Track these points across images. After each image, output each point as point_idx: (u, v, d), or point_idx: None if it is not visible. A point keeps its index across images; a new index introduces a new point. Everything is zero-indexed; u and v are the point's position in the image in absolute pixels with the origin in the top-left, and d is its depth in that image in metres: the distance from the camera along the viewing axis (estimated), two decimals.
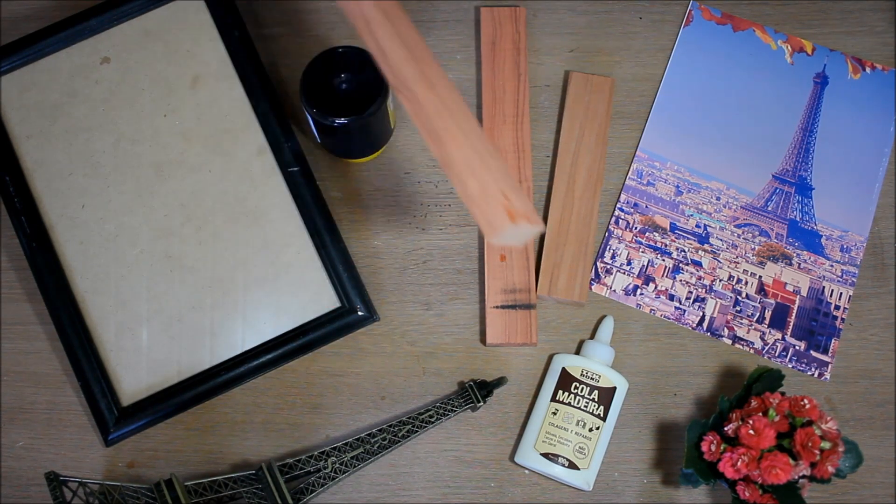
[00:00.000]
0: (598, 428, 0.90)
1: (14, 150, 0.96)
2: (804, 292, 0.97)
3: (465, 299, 0.96)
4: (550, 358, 0.95)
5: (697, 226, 0.98)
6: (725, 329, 0.95)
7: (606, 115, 0.99)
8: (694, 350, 0.95)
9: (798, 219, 0.98)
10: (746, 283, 0.97)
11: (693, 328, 0.96)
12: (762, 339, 0.95)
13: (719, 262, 0.97)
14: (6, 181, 0.95)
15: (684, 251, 0.97)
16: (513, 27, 1.01)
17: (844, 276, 0.97)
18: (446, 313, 0.96)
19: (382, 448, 0.90)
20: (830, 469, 0.83)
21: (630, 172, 0.99)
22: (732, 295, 0.96)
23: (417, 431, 0.91)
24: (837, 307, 0.96)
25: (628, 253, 0.97)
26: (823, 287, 0.97)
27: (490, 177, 0.73)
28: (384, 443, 0.90)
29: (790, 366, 0.95)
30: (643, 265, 0.97)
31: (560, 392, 0.91)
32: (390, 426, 0.91)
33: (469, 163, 0.73)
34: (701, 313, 0.96)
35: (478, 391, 0.92)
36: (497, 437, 0.94)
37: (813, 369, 0.95)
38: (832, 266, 0.97)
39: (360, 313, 0.93)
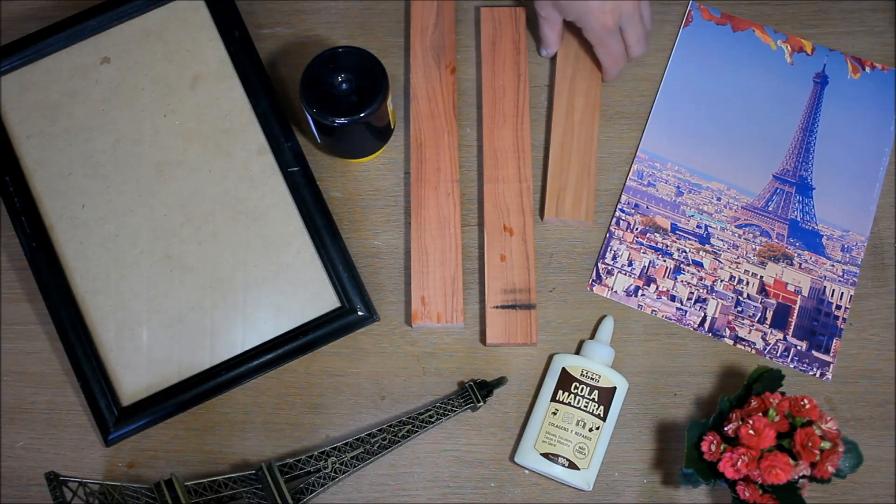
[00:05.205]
0: (598, 428, 0.90)
1: (14, 150, 0.96)
2: (805, 292, 0.96)
3: (465, 299, 0.96)
4: (550, 358, 0.95)
5: (698, 226, 0.98)
6: (727, 329, 0.95)
7: None
8: (694, 350, 0.95)
9: (799, 219, 0.98)
10: (748, 283, 0.97)
11: (694, 329, 0.95)
12: (764, 339, 0.95)
13: (720, 262, 0.97)
14: (6, 181, 0.95)
15: (685, 252, 0.97)
16: (513, 27, 1.01)
17: (845, 276, 0.97)
18: None
19: (382, 448, 0.90)
20: (830, 469, 0.82)
21: (630, 173, 0.99)
22: (734, 295, 0.96)
23: (417, 431, 0.91)
24: (839, 307, 0.96)
25: (629, 254, 0.97)
26: (824, 287, 0.96)
27: None
28: (384, 443, 0.90)
29: (792, 366, 0.94)
30: (644, 266, 0.97)
31: (560, 392, 0.91)
32: (390, 426, 0.91)
33: None
34: (702, 314, 0.96)
35: (478, 391, 0.92)
36: (497, 437, 0.93)
37: (815, 369, 0.94)
38: (833, 266, 0.97)
39: (360, 313, 0.93)
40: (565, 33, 1.01)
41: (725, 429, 0.86)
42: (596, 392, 0.91)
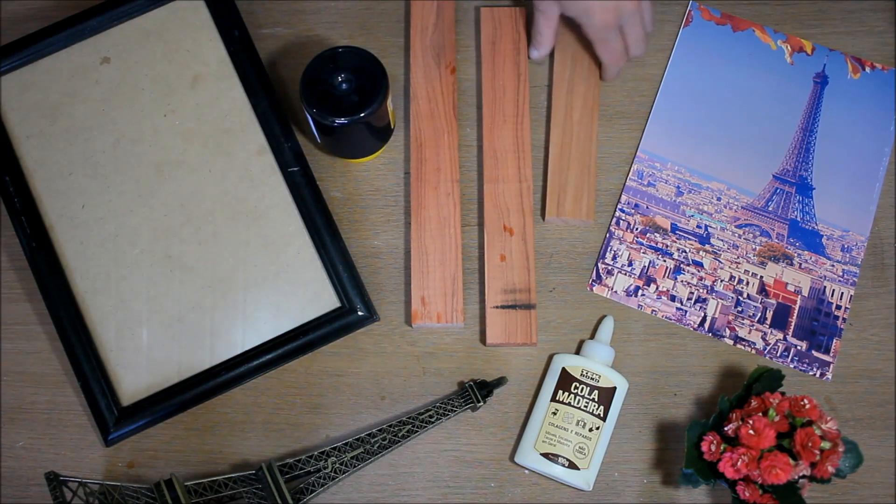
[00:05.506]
0: (598, 428, 0.90)
1: (14, 150, 0.96)
2: (805, 292, 0.96)
3: (465, 299, 0.96)
4: (550, 358, 0.95)
5: (698, 226, 0.98)
6: (727, 329, 0.95)
7: None
8: (694, 350, 0.95)
9: (799, 219, 0.98)
10: (748, 283, 0.97)
11: (694, 329, 0.95)
12: (764, 339, 0.95)
13: (720, 262, 0.97)
14: (6, 181, 0.95)
15: (685, 252, 0.97)
16: (513, 27, 1.01)
17: (845, 276, 0.97)
18: None
19: (382, 448, 0.90)
20: (830, 469, 0.82)
21: (630, 173, 0.99)
22: (734, 295, 0.96)
23: (417, 431, 0.91)
24: (839, 307, 0.96)
25: (629, 254, 0.97)
26: (824, 287, 0.96)
27: None
28: (384, 443, 0.90)
29: (792, 366, 0.95)
30: (644, 266, 0.97)
31: (560, 392, 0.91)
32: (390, 426, 0.91)
33: None
34: (702, 314, 0.96)
35: (478, 391, 0.92)
36: (497, 437, 0.93)
37: (815, 369, 0.94)
38: (833, 266, 0.97)
39: (360, 313, 0.93)
40: (563, 34, 1.01)
41: (725, 429, 0.86)
42: (596, 392, 0.91)
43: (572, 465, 0.89)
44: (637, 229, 0.98)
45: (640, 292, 0.96)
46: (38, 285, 0.94)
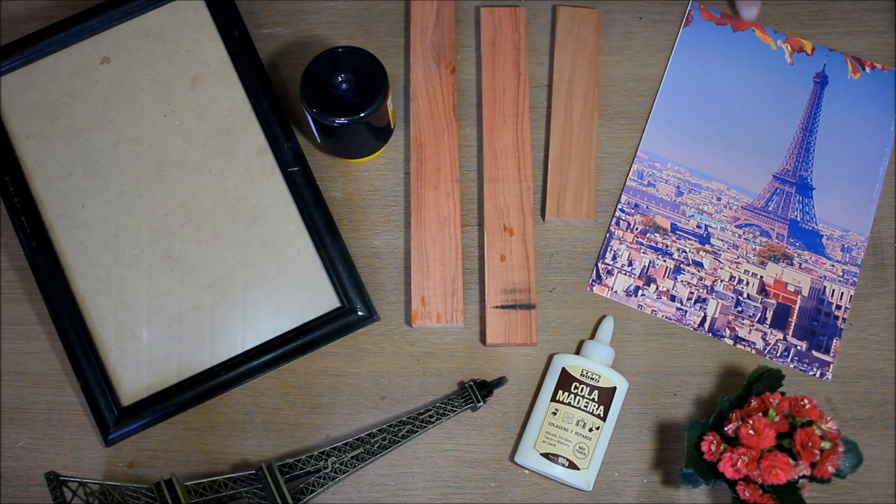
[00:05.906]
0: (598, 428, 0.90)
1: (14, 150, 0.96)
2: (805, 292, 0.96)
3: (465, 299, 0.96)
4: (550, 358, 0.95)
5: (698, 226, 0.98)
6: (727, 329, 0.95)
7: (596, 44, 1.01)
8: (694, 350, 0.95)
9: (799, 219, 0.98)
10: (748, 283, 0.97)
11: (694, 329, 0.95)
12: (764, 339, 0.95)
13: (720, 262, 0.97)
14: (6, 181, 0.95)
15: (685, 252, 0.97)
16: (513, 27, 1.01)
17: (845, 276, 0.97)
18: None
19: (382, 448, 0.90)
20: (830, 469, 0.82)
21: (630, 173, 0.99)
22: (734, 295, 0.96)
23: (417, 431, 0.91)
24: (839, 307, 0.96)
25: (629, 254, 0.97)
26: (824, 287, 0.96)
27: None
28: (384, 443, 0.90)
29: (792, 366, 0.94)
30: (644, 266, 0.97)
31: (560, 392, 0.91)
32: (390, 426, 0.91)
33: None
34: (702, 314, 0.96)
35: (478, 391, 0.92)
36: (497, 437, 0.93)
37: (815, 369, 0.94)
38: (833, 266, 0.97)
39: (360, 313, 0.93)
40: (564, 33, 1.01)
41: (725, 429, 0.86)
42: (596, 392, 0.91)
43: (572, 465, 0.89)
44: (637, 229, 0.98)
45: (640, 292, 0.96)
46: (38, 285, 0.94)
